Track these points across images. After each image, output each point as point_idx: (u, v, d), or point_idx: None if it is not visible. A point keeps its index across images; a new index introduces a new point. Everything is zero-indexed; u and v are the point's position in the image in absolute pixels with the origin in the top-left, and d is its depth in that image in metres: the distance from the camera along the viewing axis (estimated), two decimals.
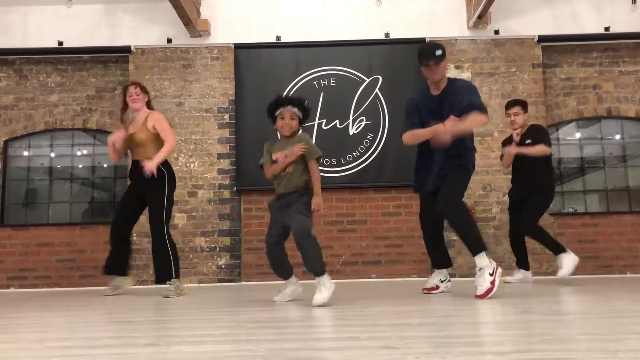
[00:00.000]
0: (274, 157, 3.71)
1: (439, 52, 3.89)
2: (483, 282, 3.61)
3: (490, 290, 3.57)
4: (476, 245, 3.72)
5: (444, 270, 4.26)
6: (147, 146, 4.66)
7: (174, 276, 4.53)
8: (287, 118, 3.69)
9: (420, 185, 4.15)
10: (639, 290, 4.08)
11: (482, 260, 3.67)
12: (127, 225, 4.79)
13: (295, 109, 3.71)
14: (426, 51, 3.95)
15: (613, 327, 2.31)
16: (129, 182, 4.92)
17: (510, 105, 5.26)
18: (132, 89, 4.75)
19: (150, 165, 4.46)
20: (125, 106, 4.84)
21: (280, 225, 3.67)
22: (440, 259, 4.25)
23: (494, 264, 3.68)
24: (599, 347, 1.82)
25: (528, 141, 5.10)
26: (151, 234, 4.61)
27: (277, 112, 3.72)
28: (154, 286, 4.81)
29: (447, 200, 3.84)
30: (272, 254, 3.72)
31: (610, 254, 6.44)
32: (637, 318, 2.61)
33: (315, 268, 3.48)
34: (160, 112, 4.91)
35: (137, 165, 4.66)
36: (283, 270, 3.80)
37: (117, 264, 4.75)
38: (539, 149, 5.02)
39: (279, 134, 3.82)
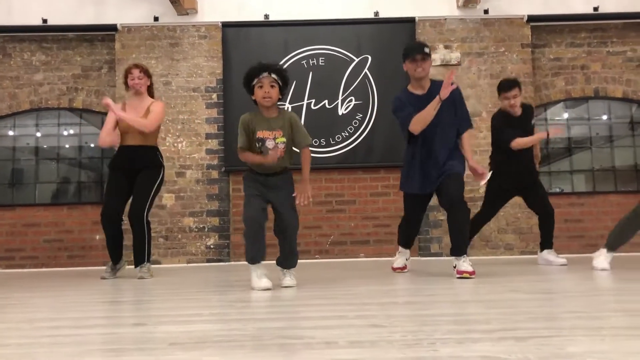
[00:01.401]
0: (260, 135, 3.32)
1: (427, 50, 3.88)
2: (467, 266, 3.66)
3: (473, 273, 3.61)
4: (465, 247, 3.77)
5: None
6: (147, 134, 4.50)
7: (147, 260, 4.45)
8: (267, 85, 3.28)
9: (421, 186, 3.98)
10: (622, 269, 4.14)
11: (463, 264, 3.66)
12: (122, 208, 4.57)
13: (274, 75, 3.31)
14: (414, 46, 4.00)
15: (597, 305, 2.34)
16: (111, 169, 4.60)
17: (510, 86, 4.78)
18: (135, 72, 4.54)
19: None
20: (126, 86, 4.61)
21: (264, 200, 3.33)
22: (413, 240, 4.42)
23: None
24: (582, 325, 1.85)
25: (533, 122, 4.92)
26: (130, 221, 4.45)
27: (254, 82, 3.31)
28: (129, 267, 4.75)
29: (458, 194, 3.77)
30: (259, 229, 3.24)
31: (595, 233, 6.51)
32: (620, 296, 2.65)
33: (294, 263, 3.48)
34: (162, 103, 4.74)
35: (131, 152, 4.50)
36: (262, 251, 3.29)
37: (120, 249, 4.60)
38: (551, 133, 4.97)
39: (258, 106, 3.39)
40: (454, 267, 3.72)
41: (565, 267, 4.59)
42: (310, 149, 3.54)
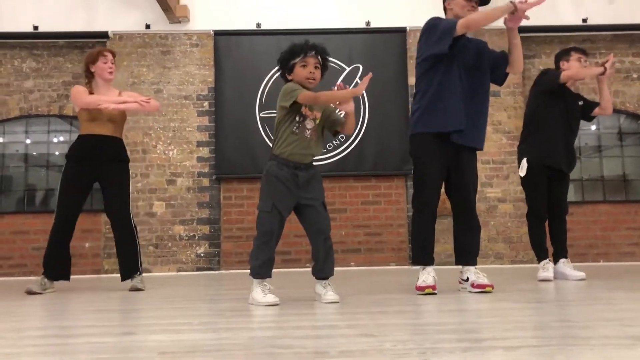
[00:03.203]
0: (304, 112, 2.99)
1: None
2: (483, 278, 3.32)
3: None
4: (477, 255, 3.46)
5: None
6: (117, 122, 4.16)
7: (140, 270, 4.12)
8: (311, 66, 3.00)
9: (444, 121, 3.30)
10: (611, 278, 4.16)
11: (478, 273, 3.33)
12: (78, 215, 4.10)
13: (319, 57, 3.03)
14: None
15: (587, 314, 2.35)
16: (70, 160, 4.14)
17: (567, 51, 4.43)
18: (109, 56, 4.11)
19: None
20: (90, 75, 4.13)
21: (292, 203, 2.98)
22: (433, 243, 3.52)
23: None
24: (572, 334, 1.85)
25: (581, 102, 4.40)
26: (117, 224, 4.11)
27: (297, 60, 3.00)
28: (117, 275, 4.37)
29: (475, 193, 3.43)
30: (275, 243, 2.96)
31: (584, 242, 6.56)
32: (609, 305, 2.66)
33: (333, 269, 3.04)
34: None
35: (99, 142, 4.08)
36: (272, 266, 3.00)
37: (66, 265, 4.08)
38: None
39: (298, 84, 3.02)
40: (466, 279, 3.38)
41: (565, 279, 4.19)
42: None
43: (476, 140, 3.43)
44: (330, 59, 6.92)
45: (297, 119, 2.99)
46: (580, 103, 4.38)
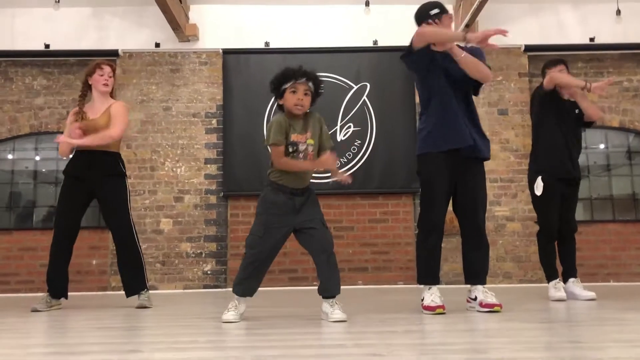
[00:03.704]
0: (294, 139, 3.00)
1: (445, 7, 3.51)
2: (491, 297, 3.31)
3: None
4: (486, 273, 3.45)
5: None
6: None
7: (147, 287, 4.09)
8: (301, 92, 3.01)
9: (455, 138, 3.31)
10: (622, 299, 4.11)
11: (486, 292, 3.33)
12: (79, 223, 4.08)
13: (310, 83, 3.05)
14: (432, 4, 3.54)
15: (597, 335, 2.32)
16: (66, 177, 4.12)
17: (555, 62, 4.42)
18: (107, 68, 4.10)
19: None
20: (86, 87, 4.16)
21: (287, 231, 3.02)
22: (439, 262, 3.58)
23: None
24: (582, 355, 1.83)
25: (577, 111, 4.36)
26: (119, 241, 4.08)
27: (287, 85, 3.01)
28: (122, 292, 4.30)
29: (484, 211, 3.43)
30: (266, 267, 3.03)
31: (594, 262, 6.49)
32: (620, 326, 2.63)
33: (339, 287, 3.01)
34: (125, 104, 4.32)
35: (90, 157, 4.04)
36: (256, 287, 3.08)
37: (65, 283, 4.07)
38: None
39: (286, 111, 3.08)
40: (474, 298, 3.36)
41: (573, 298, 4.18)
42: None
43: (484, 151, 3.45)
44: (338, 77, 7.01)
45: (290, 149, 3.01)
46: (577, 111, 4.36)
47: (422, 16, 3.50)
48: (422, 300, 3.33)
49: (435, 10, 3.46)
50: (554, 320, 2.90)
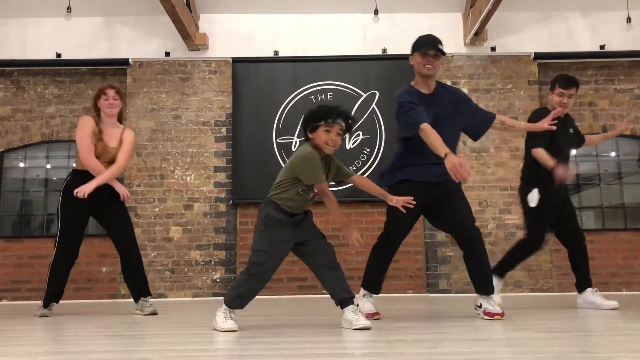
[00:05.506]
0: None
1: (441, 46, 3.49)
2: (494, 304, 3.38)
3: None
4: (492, 283, 3.48)
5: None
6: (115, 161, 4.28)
7: (150, 292, 4.37)
8: (334, 133, 3.02)
9: (426, 173, 3.48)
10: (634, 308, 4.07)
11: (490, 301, 3.38)
12: (79, 245, 4.35)
13: (344, 125, 3.06)
14: (429, 38, 3.54)
15: (608, 344, 2.30)
16: (73, 198, 4.21)
17: (570, 82, 4.19)
18: (111, 92, 4.23)
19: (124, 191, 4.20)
20: (96, 110, 4.30)
21: (291, 245, 3.08)
22: (382, 281, 4.00)
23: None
24: None
25: (571, 130, 4.33)
26: (130, 251, 4.30)
27: (322, 123, 3.01)
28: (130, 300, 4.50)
29: (471, 217, 3.49)
30: (263, 284, 3.06)
31: (606, 271, 6.43)
32: (632, 336, 2.60)
33: (351, 290, 3.06)
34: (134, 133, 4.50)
35: (92, 177, 4.16)
36: (249, 301, 3.13)
37: (61, 290, 4.33)
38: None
39: (316, 144, 3.07)
40: (479, 305, 3.40)
41: (568, 304, 4.32)
42: None
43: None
44: (347, 85, 7.01)
45: (305, 187, 3.07)
46: (571, 131, 4.34)
47: (414, 48, 3.61)
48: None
49: (424, 49, 3.51)
50: (564, 330, 2.87)
